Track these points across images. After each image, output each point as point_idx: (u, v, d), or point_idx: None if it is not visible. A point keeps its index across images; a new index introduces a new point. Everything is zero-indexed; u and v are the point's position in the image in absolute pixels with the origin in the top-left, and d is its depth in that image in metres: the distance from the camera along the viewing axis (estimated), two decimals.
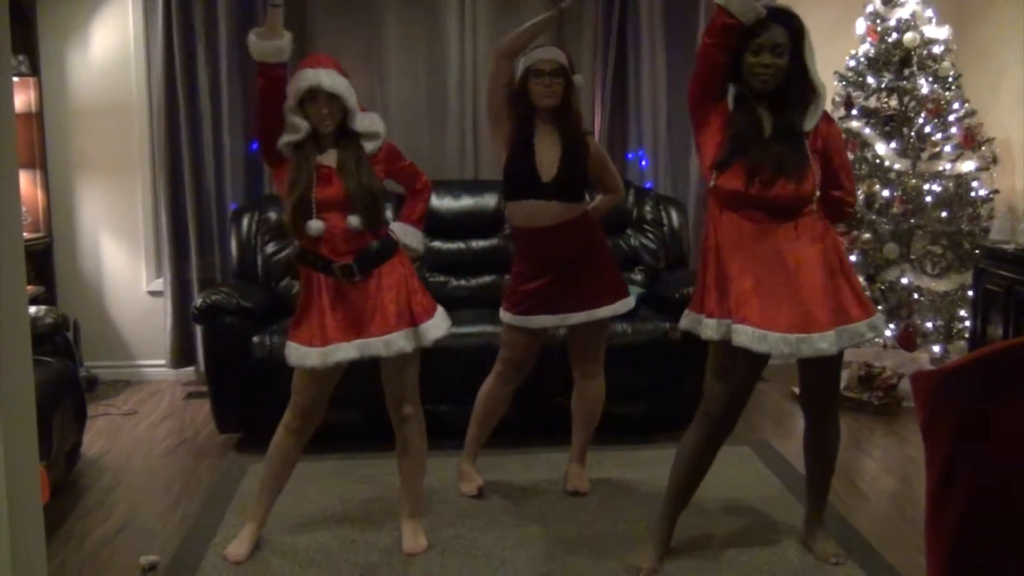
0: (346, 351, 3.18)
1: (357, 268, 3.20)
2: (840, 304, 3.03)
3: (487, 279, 5.11)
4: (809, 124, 3.07)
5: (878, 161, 5.27)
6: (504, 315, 3.79)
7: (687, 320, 3.21)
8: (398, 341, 3.21)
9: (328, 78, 3.10)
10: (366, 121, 3.25)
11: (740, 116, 3.05)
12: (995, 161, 5.21)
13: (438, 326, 3.32)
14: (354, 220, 3.18)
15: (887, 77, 5.30)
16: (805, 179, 3.01)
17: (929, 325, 5.27)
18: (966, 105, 5.25)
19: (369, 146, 3.25)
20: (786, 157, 3.00)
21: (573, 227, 3.69)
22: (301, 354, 3.21)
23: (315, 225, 3.15)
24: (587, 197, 3.81)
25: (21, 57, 5.24)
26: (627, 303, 3.82)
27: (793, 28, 3.04)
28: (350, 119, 3.21)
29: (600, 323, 3.79)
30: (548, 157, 3.65)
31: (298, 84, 3.12)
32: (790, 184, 2.99)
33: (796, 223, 3.04)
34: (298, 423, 3.33)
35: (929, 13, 5.29)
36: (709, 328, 3.06)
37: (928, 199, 5.19)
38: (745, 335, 2.94)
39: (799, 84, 3.05)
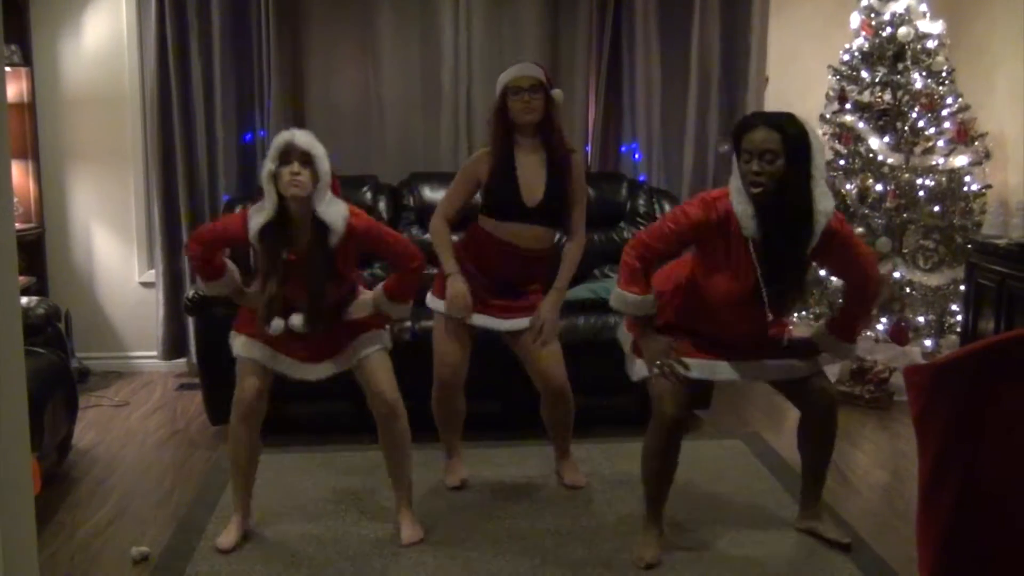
0: (287, 366, 3.34)
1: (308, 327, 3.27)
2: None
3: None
4: (808, 245, 3.06)
5: (871, 155, 5.28)
6: (436, 302, 3.74)
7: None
8: (328, 369, 3.37)
9: (301, 137, 3.14)
10: (326, 208, 3.16)
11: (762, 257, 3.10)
12: (988, 156, 5.22)
13: (373, 340, 3.40)
14: (296, 320, 3.23)
15: (881, 71, 5.30)
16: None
17: (921, 319, 5.28)
18: (959, 100, 5.26)
19: (333, 239, 3.19)
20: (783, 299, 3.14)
21: (539, 257, 3.69)
22: (248, 346, 3.34)
23: (276, 325, 3.23)
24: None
25: (13, 47, 5.21)
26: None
27: (789, 134, 2.96)
28: (318, 195, 3.15)
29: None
30: (532, 180, 3.61)
31: (275, 144, 3.16)
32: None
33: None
34: (244, 413, 3.35)
35: (923, 8, 5.29)
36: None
37: (921, 194, 5.20)
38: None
39: (798, 195, 2.99)
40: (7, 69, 5.05)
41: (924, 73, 5.25)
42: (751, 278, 3.08)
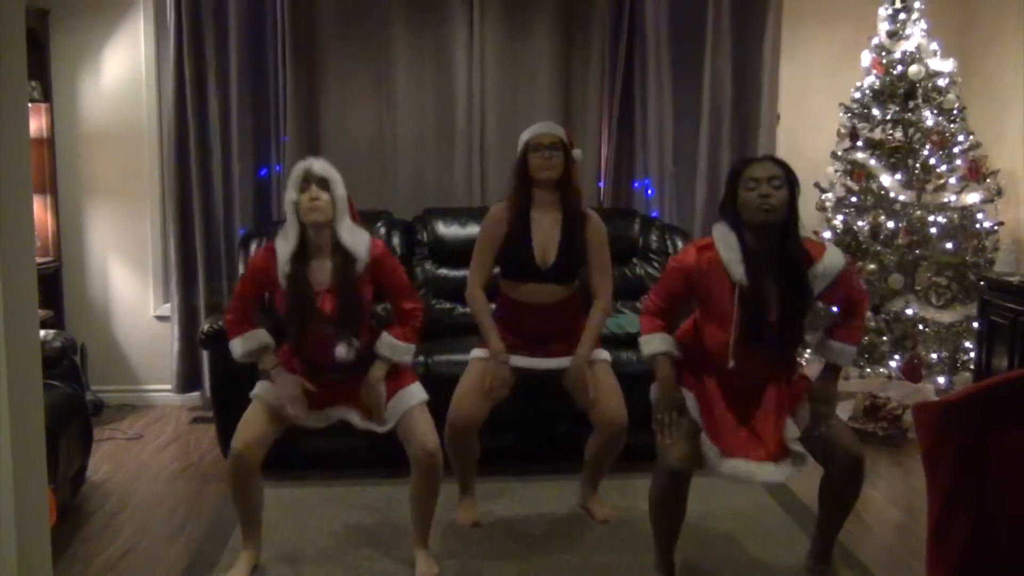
0: (325, 419, 3.43)
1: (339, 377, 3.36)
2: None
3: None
4: (819, 287, 3.12)
5: (883, 192, 5.29)
6: (477, 351, 3.86)
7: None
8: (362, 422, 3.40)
9: (317, 163, 3.29)
10: (350, 237, 3.30)
11: (747, 306, 3.06)
12: (1000, 193, 5.23)
13: (413, 395, 3.42)
14: (342, 351, 3.28)
15: (892, 109, 5.33)
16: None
17: (934, 356, 5.27)
18: (971, 137, 5.28)
19: (359, 266, 3.31)
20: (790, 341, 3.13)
21: (563, 306, 3.79)
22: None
23: (343, 351, 3.28)
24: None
25: (33, 83, 5.28)
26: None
27: (788, 170, 3.09)
28: (338, 220, 3.29)
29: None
30: (547, 240, 3.73)
31: (294, 173, 3.30)
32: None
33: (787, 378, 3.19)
34: (243, 451, 3.34)
35: (934, 46, 5.33)
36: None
37: (933, 230, 5.21)
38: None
39: (796, 237, 3.10)
40: None
41: (935, 111, 5.28)
42: (733, 330, 3.06)
